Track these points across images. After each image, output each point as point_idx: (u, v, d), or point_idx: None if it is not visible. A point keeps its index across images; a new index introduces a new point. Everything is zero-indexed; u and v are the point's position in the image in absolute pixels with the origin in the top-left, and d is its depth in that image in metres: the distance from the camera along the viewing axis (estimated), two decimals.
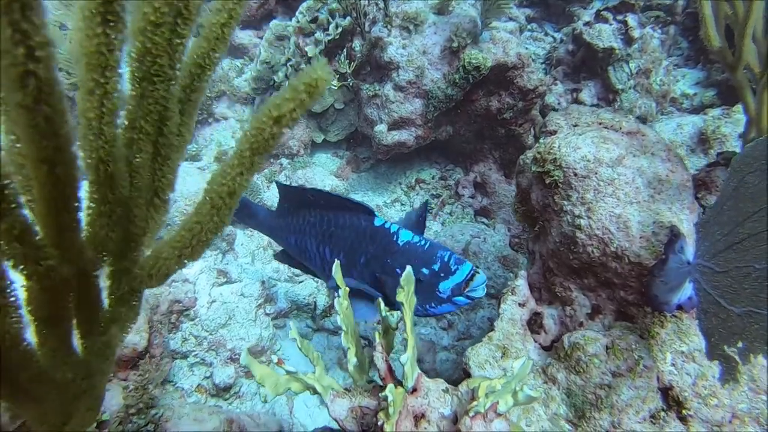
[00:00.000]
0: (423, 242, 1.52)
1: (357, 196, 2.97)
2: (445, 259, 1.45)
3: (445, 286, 1.43)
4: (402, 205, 2.88)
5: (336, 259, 1.29)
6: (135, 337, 1.88)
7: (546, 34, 3.65)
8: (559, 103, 3.02)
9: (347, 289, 1.26)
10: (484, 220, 2.79)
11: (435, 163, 3.00)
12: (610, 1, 3.17)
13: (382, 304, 1.19)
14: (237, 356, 2.34)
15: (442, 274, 1.43)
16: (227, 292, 2.50)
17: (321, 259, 1.76)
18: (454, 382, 2.35)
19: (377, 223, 1.60)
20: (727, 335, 1.24)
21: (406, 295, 1.12)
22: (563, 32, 3.27)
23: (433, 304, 1.48)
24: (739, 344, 1.21)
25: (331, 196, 1.76)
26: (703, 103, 3.22)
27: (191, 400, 2.20)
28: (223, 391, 2.27)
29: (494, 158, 2.83)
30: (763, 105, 1.54)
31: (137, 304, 0.81)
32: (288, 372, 1.13)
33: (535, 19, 3.70)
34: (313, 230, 1.76)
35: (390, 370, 1.16)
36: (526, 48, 3.43)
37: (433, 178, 2.93)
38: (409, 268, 1.13)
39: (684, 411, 1.36)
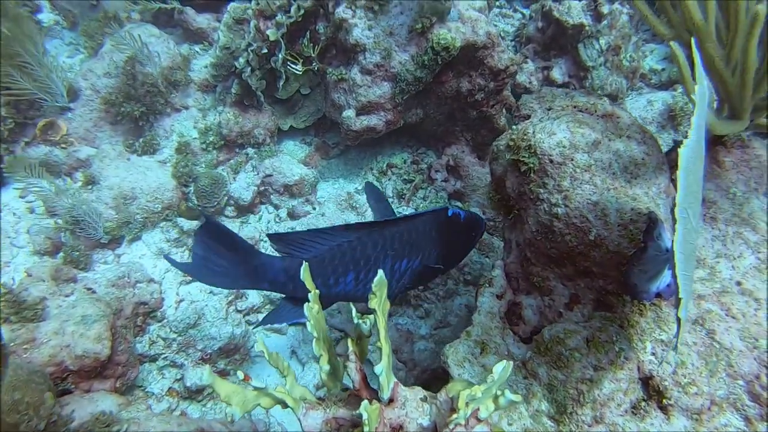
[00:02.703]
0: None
1: (327, 184, 2.89)
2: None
3: None
4: None
5: (305, 262, 1.22)
6: (96, 346, 1.79)
7: (515, 11, 3.57)
8: (530, 82, 2.96)
9: (317, 291, 1.19)
10: (458, 203, 2.74)
11: (406, 147, 2.93)
12: None
13: (354, 310, 1.13)
14: (208, 356, 2.27)
15: None
16: (196, 290, 2.42)
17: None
18: (433, 372, 2.32)
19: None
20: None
21: (378, 301, 1.05)
22: (532, 9, 3.20)
23: None
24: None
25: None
26: (671, 78, 3.20)
27: (162, 405, 2.12)
28: (195, 393, 2.20)
29: (466, 140, 2.77)
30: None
31: None
32: (256, 388, 1.06)
33: None
34: (384, 251, 1.62)
35: (364, 380, 1.11)
36: (495, 26, 3.36)
37: (404, 162, 2.86)
38: (380, 272, 1.06)
39: (664, 400, 1.34)
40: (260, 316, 2.53)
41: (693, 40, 1.26)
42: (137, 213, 2.47)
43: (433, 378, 2.24)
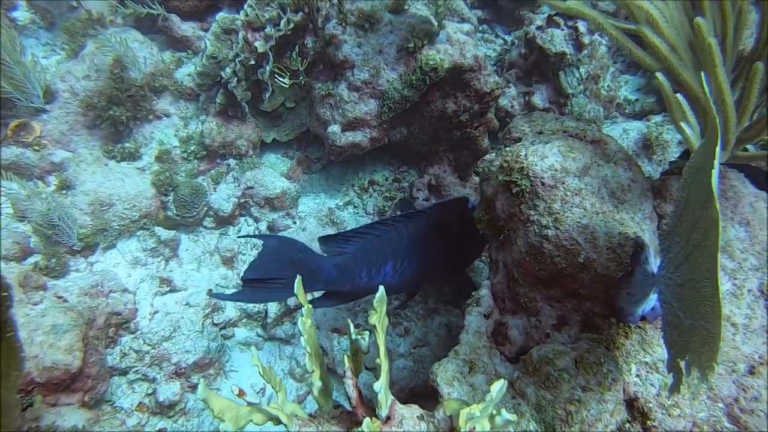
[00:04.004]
0: None
1: (309, 199, 2.87)
2: None
3: None
4: (355, 207, 2.81)
5: (298, 276, 1.21)
6: (67, 357, 1.72)
7: (497, 36, 3.66)
8: (512, 106, 3.02)
9: (310, 306, 1.18)
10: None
11: (388, 165, 2.94)
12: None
13: (352, 326, 1.12)
14: (183, 370, 2.21)
15: None
16: (171, 302, 2.36)
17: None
18: (412, 391, 2.31)
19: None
20: (683, 348, 1.25)
21: (378, 317, 1.05)
22: (516, 35, 3.28)
23: None
24: (687, 357, 1.21)
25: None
26: (644, 108, 3.32)
27: (131, 421, 2.04)
28: (167, 408, 2.13)
29: (449, 160, 2.80)
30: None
31: None
32: (249, 403, 1.04)
33: (487, 20, 3.70)
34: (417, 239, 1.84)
35: (361, 397, 1.09)
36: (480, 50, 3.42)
37: (386, 179, 2.86)
38: (381, 288, 1.06)
39: (648, 422, 1.36)
40: (236, 330, 2.48)
41: (703, 75, 1.31)
42: (113, 220, 2.40)
43: (412, 397, 2.22)
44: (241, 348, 2.45)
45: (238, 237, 2.60)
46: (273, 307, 2.45)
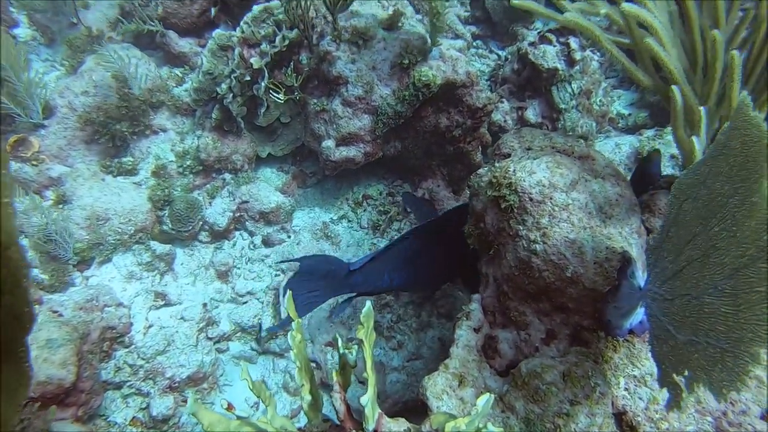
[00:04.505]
0: None
1: (303, 213, 2.89)
2: None
3: None
4: (349, 221, 2.83)
5: (289, 290, 1.23)
6: (61, 371, 1.73)
7: (491, 52, 3.70)
8: (505, 121, 3.06)
9: (300, 321, 1.19)
10: None
11: (382, 179, 2.97)
12: (551, 23, 3.27)
13: (340, 341, 1.13)
14: (176, 384, 2.21)
15: None
16: (166, 316, 2.37)
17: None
18: (405, 405, 2.31)
19: None
20: (676, 363, 1.26)
21: (365, 331, 1.06)
22: (508, 51, 3.32)
23: None
24: (686, 373, 1.22)
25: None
26: (637, 123, 3.35)
27: None
28: (161, 423, 2.13)
29: (442, 175, 2.83)
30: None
31: None
32: (239, 417, 1.05)
33: (480, 36, 3.75)
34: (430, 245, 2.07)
35: (349, 411, 1.11)
36: (472, 65, 3.47)
37: (380, 194, 2.89)
38: (368, 303, 1.07)
39: None
40: (231, 344, 2.49)
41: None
42: (109, 234, 2.42)
43: (405, 410, 2.23)
44: (236, 362, 2.45)
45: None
46: (267, 321, 2.47)
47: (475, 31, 3.71)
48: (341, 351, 1.11)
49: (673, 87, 1.54)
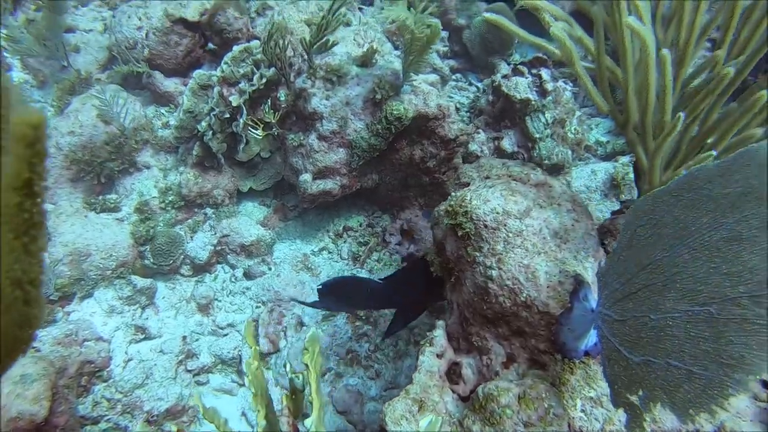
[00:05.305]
0: None
1: (284, 245, 2.94)
2: None
3: None
4: (329, 253, 2.87)
5: (247, 321, 1.27)
6: (33, 407, 1.75)
7: (470, 84, 3.81)
8: (482, 151, 3.13)
9: (257, 348, 1.23)
10: None
11: (362, 210, 3.03)
12: (528, 55, 3.38)
13: (288, 367, 1.17)
14: (154, 419, 2.22)
15: None
16: (145, 349, 2.39)
17: None
18: None
19: None
20: (629, 383, 1.29)
21: (311, 356, 1.10)
22: (484, 83, 3.42)
23: None
24: (640, 392, 1.25)
25: None
26: (615, 150, 3.42)
27: None
28: None
29: (420, 205, 2.88)
30: (654, 159, 1.65)
31: None
32: None
33: (460, 69, 3.86)
34: None
35: None
36: (451, 97, 3.57)
37: (360, 225, 2.94)
38: (312, 329, 1.12)
39: None
40: (211, 377, 2.51)
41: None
42: (91, 270, 2.47)
43: None
44: (216, 394, 2.47)
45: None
46: (247, 353, 2.49)
47: (454, 65, 3.82)
48: (289, 376, 1.15)
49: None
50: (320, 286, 2.07)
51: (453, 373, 1.68)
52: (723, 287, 1.18)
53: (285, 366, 2.40)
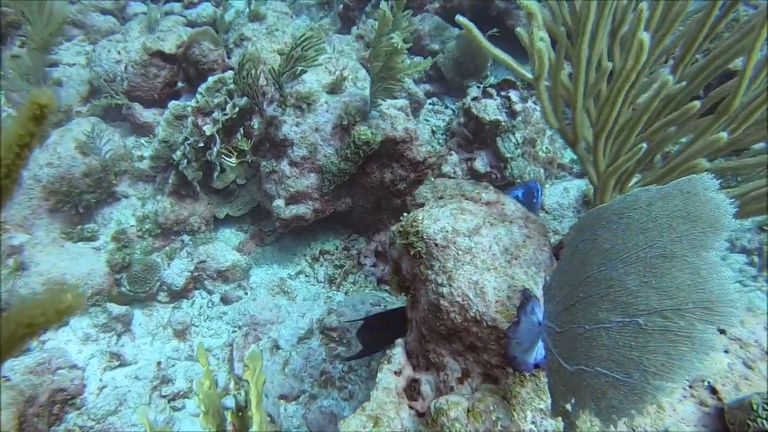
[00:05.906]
0: None
1: (261, 270, 2.98)
2: None
3: None
4: (306, 276, 2.91)
5: (199, 343, 1.31)
6: None
7: (446, 107, 3.89)
8: (454, 172, 3.19)
9: (209, 367, 1.26)
10: (387, 288, 2.85)
11: (339, 234, 3.07)
12: (501, 77, 3.47)
13: (232, 384, 1.20)
14: None
15: None
16: (120, 376, 2.42)
17: None
18: None
19: None
20: (565, 392, 1.32)
21: (251, 373, 1.14)
22: (457, 106, 3.50)
23: None
24: (572, 400, 1.28)
25: None
26: None
27: None
28: None
29: None
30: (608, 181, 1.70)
31: None
32: None
33: (436, 93, 3.95)
34: None
35: None
36: (428, 120, 3.65)
37: (336, 248, 2.99)
38: (253, 347, 1.16)
39: None
40: (186, 401, 2.52)
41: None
42: None
43: None
44: (192, 419, 2.48)
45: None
46: (222, 378, 2.51)
47: (430, 89, 3.91)
48: (232, 393, 1.18)
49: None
50: (359, 332, 2.17)
51: (413, 390, 1.71)
52: (651, 300, 1.22)
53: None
